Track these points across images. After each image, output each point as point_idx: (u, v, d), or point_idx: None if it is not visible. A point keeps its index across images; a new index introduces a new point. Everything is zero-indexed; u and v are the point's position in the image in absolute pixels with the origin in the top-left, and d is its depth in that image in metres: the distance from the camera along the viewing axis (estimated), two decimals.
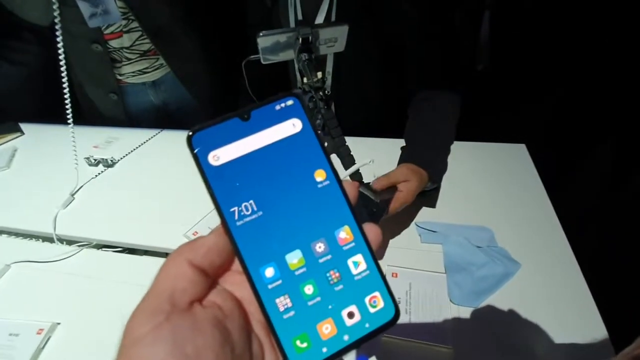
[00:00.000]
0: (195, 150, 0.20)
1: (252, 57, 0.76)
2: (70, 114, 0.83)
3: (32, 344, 0.57)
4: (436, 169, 0.73)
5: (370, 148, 0.81)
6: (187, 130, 0.20)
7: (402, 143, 0.80)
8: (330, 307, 0.20)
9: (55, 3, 0.72)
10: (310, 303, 0.20)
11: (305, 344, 0.20)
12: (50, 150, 1.01)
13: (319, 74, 0.67)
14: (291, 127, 0.22)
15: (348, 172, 0.67)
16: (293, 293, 0.20)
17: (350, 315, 0.20)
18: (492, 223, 0.72)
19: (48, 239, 0.77)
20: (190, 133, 0.20)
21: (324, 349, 0.20)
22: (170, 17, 0.96)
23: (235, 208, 0.20)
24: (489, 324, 0.57)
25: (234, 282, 0.21)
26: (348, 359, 0.21)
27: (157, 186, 0.89)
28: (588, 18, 1.17)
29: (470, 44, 1.39)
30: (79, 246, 0.74)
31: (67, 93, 0.80)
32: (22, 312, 0.62)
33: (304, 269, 0.21)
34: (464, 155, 0.88)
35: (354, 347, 0.20)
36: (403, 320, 0.57)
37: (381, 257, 0.67)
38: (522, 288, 0.61)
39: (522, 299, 0.59)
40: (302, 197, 0.21)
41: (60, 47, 0.76)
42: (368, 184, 0.65)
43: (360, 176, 0.70)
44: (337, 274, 0.21)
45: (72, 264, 0.71)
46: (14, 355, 0.56)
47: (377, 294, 0.21)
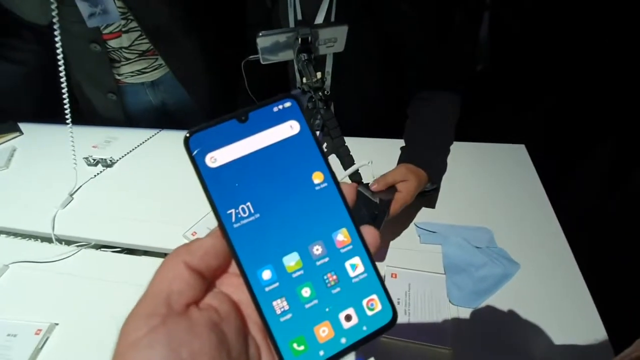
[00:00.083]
0: (192, 152, 0.20)
1: (251, 57, 0.76)
2: (69, 114, 0.83)
3: (30, 345, 0.57)
4: (436, 170, 0.73)
5: (369, 148, 0.81)
6: (186, 130, 0.20)
7: (402, 143, 0.80)
8: (327, 309, 0.20)
9: (54, 2, 0.72)
10: (307, 306, 0.20)
11: (302, 347, 0.20)
12: (49, 150, 1.01)
13: (319, 74, 0.67)
14: (289, 129, 0.22)
15: (347, 172, 0.67)
16: (290, 296, 0.20)
17: (348, 318, 0.20)
18: (492, 223, 0.72)
19: (46, 239, 0.76)
20: (187, 135, 0.20)
21: (321, 352, 0.20)
22: (170, 17, 0.96)
23: (233, 210, 0.20)
24: (488, 324, 0.57)
25: (231, 285, 0.21)
26: None
27: (156, 186, 0.88)
28: (588, 18, 1.16)
29: (470, 43, 1.39)
30: (77, 246, 0.74)
31: (66, 93, 0.79)
32: (20, 312, 0.62)
33: (301, 272, 0.21)
34: (463, 155, 0.88)
35: (351, 350, 0.20)
36: (402, 320, 0.57)
37: (381, 259, 0.66)
38: (521, 289, 0.61)
39: (522, 300, 0.59)
40: (300, 200, 0.21)
41: (59, 47, 0.75)
42: (367, 184, 0.64)
43: (359, 176, 0.70)
44: (335, 277, 0.21)
45: (71, 264, 0.71)
46: (11, 355, 0.56)
47: (374, 296, 0.21)
